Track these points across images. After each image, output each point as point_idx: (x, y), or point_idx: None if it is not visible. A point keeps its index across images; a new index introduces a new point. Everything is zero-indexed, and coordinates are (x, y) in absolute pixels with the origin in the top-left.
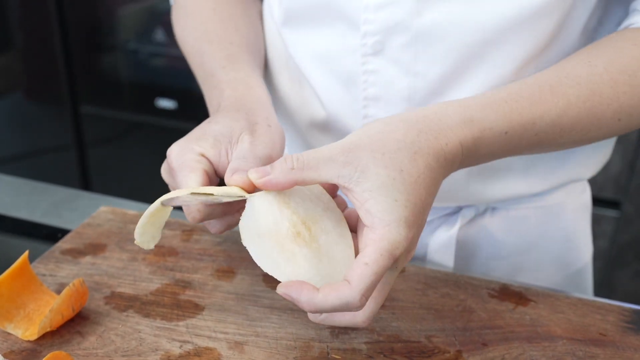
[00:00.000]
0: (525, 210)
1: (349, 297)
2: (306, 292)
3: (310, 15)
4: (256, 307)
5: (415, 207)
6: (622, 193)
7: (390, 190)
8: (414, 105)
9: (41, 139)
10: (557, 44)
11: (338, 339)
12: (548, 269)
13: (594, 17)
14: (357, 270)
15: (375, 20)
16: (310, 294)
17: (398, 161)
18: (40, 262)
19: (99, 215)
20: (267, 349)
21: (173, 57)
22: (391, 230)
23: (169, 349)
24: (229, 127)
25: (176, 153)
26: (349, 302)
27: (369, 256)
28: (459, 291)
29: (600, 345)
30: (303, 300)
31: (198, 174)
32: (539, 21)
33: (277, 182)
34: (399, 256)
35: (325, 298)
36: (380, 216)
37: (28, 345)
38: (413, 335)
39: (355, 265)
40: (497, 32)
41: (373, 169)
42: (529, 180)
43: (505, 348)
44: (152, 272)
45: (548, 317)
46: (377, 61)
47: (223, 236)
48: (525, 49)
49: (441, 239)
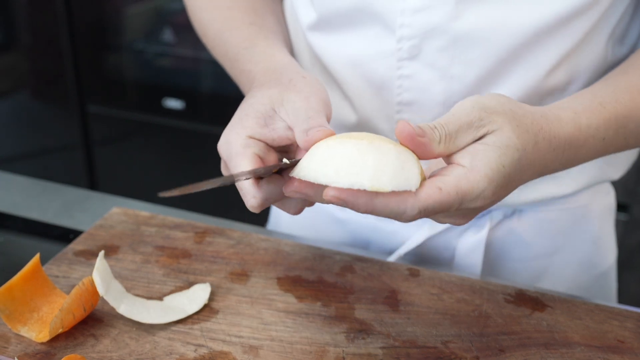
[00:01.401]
0: (553, 213)
1: (408, 207)
2: (363, 196)
3: (344, 18)
4: (270, 310)
5: (509, 184)
6: (630, 197)
7: (506, 156)
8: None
9: (48, 138)
10: (587, 47)
11: (354, 343)
12: (574, 271)
13: (623, 22)
14: (427, 189)
15: (412, 24)
16: (367, 197)
17: (525, 141)
18: (52, 263)
19: (111, 216)
20: (282, 353)
21: (180, 57)
22: (479, 181)
23: (184, 352)
24: (267, 96)
25: (224, 145)
26: (406, 211)
27: (445, 184)
28: (474, 296)
29: (618, 352)
30: (361, 202)
31: (248, 160)
32: (571, 24)
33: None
34: (463, 208)
35: (386, 201)
36: (481, 165)
37: (42, 347)
38: (429, 340)
39: (428, 184)
40: (533, 35)
41: (507, 133)
42: (559, 181)
43: (522, 354)
44: (165, 275)
45: (565, 323)
46: (413, 65)
47: (236, 238)
48: (558, 51)
49: (470, 241)
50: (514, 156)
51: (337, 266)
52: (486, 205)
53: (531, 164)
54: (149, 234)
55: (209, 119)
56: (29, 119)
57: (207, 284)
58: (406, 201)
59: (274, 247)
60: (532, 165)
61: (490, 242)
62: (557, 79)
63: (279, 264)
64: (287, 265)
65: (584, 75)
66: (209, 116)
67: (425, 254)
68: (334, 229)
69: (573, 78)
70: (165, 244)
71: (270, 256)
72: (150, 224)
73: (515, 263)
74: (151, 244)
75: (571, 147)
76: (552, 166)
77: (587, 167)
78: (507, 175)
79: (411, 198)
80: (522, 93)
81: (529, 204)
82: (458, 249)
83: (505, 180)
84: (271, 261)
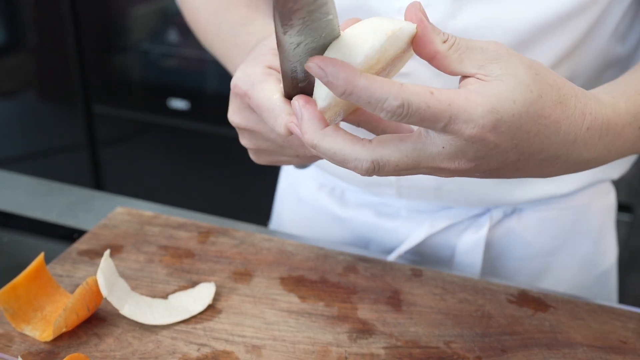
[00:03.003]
0: (553, 212)
1: (392, 94)
2: (348, 68)
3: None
4: (273, 310)
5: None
6: (635, 197)
7: (519, 93)
8: None
9: (54, 138)
10: (588, 45)
11: (356, 343)
12: (575, 270)
13: (625, 20)
14: (418, 87)
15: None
16: (352, 71)
17: (544, 89)
18: (56, 262)
19: (115, 216)
20: (284, 353)
21: (186, 58)
22: (479, 105)
23: (187, 352)
24: None
25: (242, 78)
26: (388, 99)
27: (439, 92)
28: (477, 296)
29: (620, 353)
30: (342, 76)
31: (272, 84)
32: (571, 22)
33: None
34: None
35: (370, 83)
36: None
37: (45, 346)
38: (432, 340)
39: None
40: (530, 34)
41: (521, 72)
42: (557, 180)
43: (524, 355)
44: (168, 274)
45: (568, 324)
46: (410, 63)
47: (240, 238)
48: (558, 50)
49: (469, 240)
50: (528, 96)
51: (340, 266)
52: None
53: (555, 125)
54: (153, 233)
55: (214, 119)
56: (34, 119)
57: (212, 283)
58: (390, 87)
59: (278, 247)
60: (556, 127)
61: (490, 241)
62: None
63: (282, 264)
64: (290, 265)
65: (584, 74)
66: (214, 117)
67: (425, 253)
68: (335, 227)
69: (574, 77)
70: (169, 244)
71: (273, 256)
72: (154, 223)
73: (516, 262)
74: (155, 243)
75: (609, 132)
76: (586, 149)
77: None
78: (517, 115)
79: (396, 86)
80: None
81: (529, 203)
82: (458, 248)
83: (515, 121)
84: (274, 261)
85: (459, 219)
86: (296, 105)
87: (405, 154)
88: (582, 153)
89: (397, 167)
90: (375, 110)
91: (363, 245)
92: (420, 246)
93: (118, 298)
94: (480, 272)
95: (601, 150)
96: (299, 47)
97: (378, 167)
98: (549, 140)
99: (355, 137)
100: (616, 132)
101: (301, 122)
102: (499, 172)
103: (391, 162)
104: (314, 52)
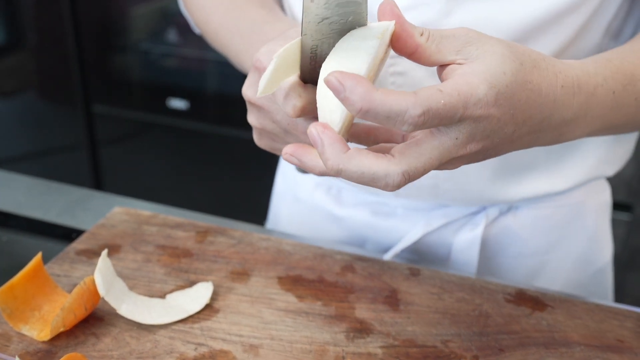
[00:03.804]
0: (548, 210)
1: (411, 105)
2: (365, 84)
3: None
4: (270, 309)
5: (512, 98)
6: (634, 197)
7: (506, 64)
8: None
9: (53, 138)
10: (581, 43)
11: (353, 342)
12: (570, 267)
13: (617, 17)
14: (427, 90)
15: None
16: (368, 86)
17: (521, 58)
18: (54, 262)
19: (113, 216)
20: (282, 352)
21: (185, 58)
22: (481, 86)
23: (184, 351)
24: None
25: (263, 53)
26: (408, 111)
27: (444, 86)
28: (474, 295)
29: (617, 352)
30: (358, 92)
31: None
32: (565, 20)
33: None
34: (466, 118)
35: (385, 97)
36: (479, 69)
37: (43, 346)
38: (429, 340)
39: (427, 87)
40: (525, 32)
41: (498, 47)
42: (553, 178)
43: (522, 354)
44: (166, 274)
45: (565, 323)
46: (405, 62)
47: (237, 238)
48: (552, 48)
49: (465, 238)
50: (513, 65)
51: (338, 266)
52: (492, 121)
53: (538, 87)
54: (151, 233)
55: (213, 119)
56: (34, 118)
57: (210, 282)
58: (407, 99)
59: (275, 246)
60: (539, 89)
61: (486, 238)
62: None
63: (279, 263)
64: (287, 264)
65: None
66: (213, 116)
67: (421, 251)
68: (331, 226)
69: None
70: (167, 243)
71: (271, 255)
72: (151, 223)
73: (511, 260)
74: (152, 243)
75: (581, 92)
76: (564, 108)
77: (579, 163)
78: (510, 85)
79: (411, 96)
80: None
81: (525, 201)
82: (454, 246)
83: (509, 91)
84: (272, 260)
85: (455, 217)
86: (314, 132)
87: (429, 157)
88: (562, 112)
89: (425, 171)
90: (395, 125)
91: (359, 244)
92: (416, 245)
93: (115, 298)
94: (476, 270)
95: (577, 109)
96: (323, 23)
97: (408, 177)
98: (535, 104)
99: (379, 154)
100: (588, 92)
101: (322, 149)
102: (498, 148)
103: (419, 169)
104: (337, 34)
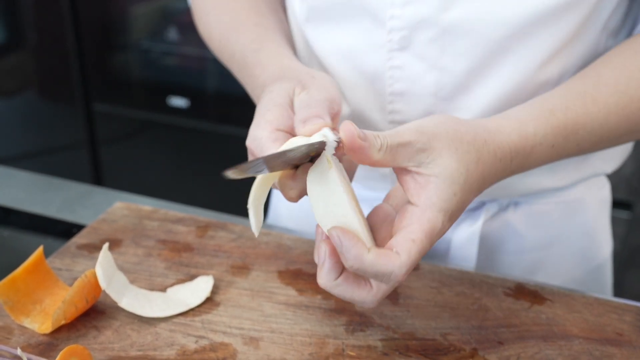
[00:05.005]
0: (547, 205)
1: (397, 267)
2: (359, 247)
3: (334, 11)
4: (271, 303)
5: (462, 205)
6: (634, 195)
7: (454, 184)
8: (440, 101)
9: (54, 137)
10: (580, 40)
11: (353, 335)
12: (569, 263)
13: (615, 16)
14: (404, 245)
15: (402, 16)
16: (362, 249)
17: (466, 161)
18: (56, 256)
19: (114, 211)
20: (282, 345)
21: (185, 56)
22: (438, 217)
23: (185, 344)
24: (284, 89)
25: (253, 142)
26: (395, 272)
27: (415, 234)
28: (474, 290)
29: (616, 345)
30: (352, 253)
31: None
32: (563, 16)
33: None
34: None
35: (376, 260)
36: (436, 202)
37: (44, 339)
38: (428, 333)
39: (401, 240)
40: (522, 27)
41: (447, 160)
42: (553, 174)
43: (521, 347)
44: (167, 268)
45: (564, 316)
46: (403, 57)
47: (237, 232)
48: (550, 44)
49: (465, 233)
50: (460, 180)
51: None
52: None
53: (481, 177)
54: (152, 227)
55: (213, 117)
56: (35, 117)
57: (210, 276)
58: (394, 262)
59: (275, 241)
60: (482, 178)
61: (485, 234)
62: (549, 73)
63: (280, 257)
64: (288, 258)
65: (575, 70)
66: (213, 115)
67: None
68: None
69: (565, 71)
70: (168, 238)
71: (271, 250)
72: (152, 218)
73: (510, 255)
74: (153, 237)
75: (518, 155)
76: (503, 173)
77: (579, 161)
78: (460, 201)
79: (396, 259)
80: (513, 86)
81: (524, 196)
82: (453, 241)
83: (460, 203)
84: (272, 255)
85: None
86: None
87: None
88: (499, 174)
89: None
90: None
91: None
92: None
93: (117, 291)
94: (475, 265)
95: (515, 168)
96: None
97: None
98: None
99: (361, 283)
100: (525, 154)
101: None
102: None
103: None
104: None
